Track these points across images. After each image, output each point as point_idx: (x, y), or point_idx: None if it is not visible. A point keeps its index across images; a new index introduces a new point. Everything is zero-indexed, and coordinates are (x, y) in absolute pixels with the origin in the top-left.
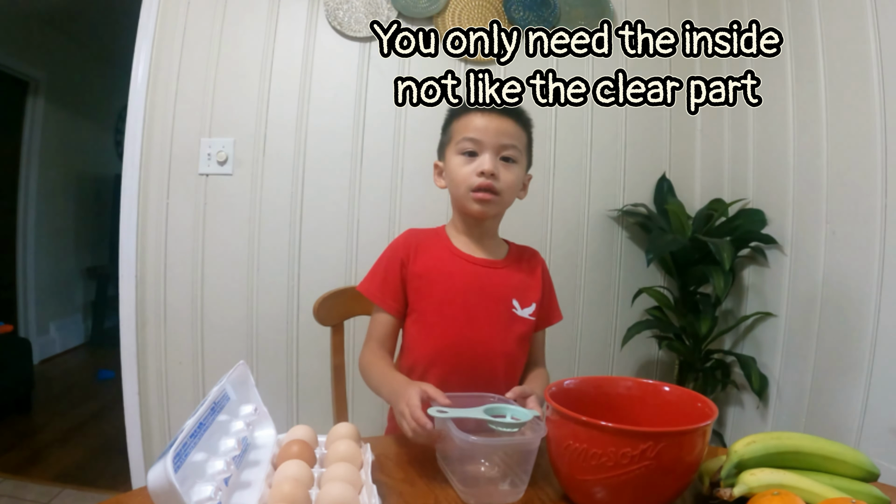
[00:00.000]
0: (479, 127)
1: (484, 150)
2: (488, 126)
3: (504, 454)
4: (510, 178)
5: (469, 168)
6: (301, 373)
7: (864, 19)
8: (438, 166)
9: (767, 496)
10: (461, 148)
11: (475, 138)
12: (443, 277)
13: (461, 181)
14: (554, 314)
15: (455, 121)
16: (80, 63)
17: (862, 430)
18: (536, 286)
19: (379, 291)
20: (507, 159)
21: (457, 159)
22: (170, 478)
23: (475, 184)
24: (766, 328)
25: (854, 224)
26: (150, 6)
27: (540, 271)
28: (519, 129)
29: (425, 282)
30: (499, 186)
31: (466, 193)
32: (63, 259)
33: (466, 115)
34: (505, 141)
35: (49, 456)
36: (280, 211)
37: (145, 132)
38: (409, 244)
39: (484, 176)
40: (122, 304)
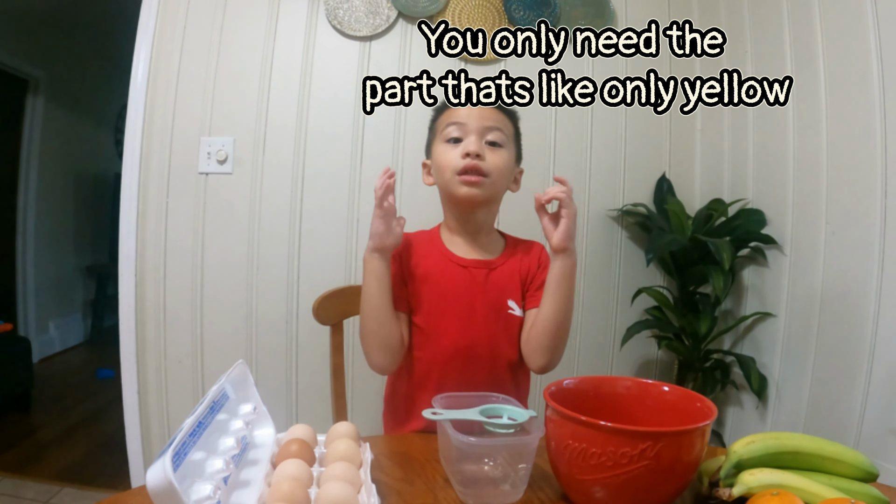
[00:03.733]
0: (463, 113)
1: (468, 134)
2: (471, 112)
3: (503, 454)
4: (497, 160)
5: (454, 152)
6: (300, 372)
7: (865, 19)
8: (427, 164)
9: (766, 496)
10: (446, 135)
11: (458, 122)
12: (435, 283)
13: (446, 166)
14: None
15: (441, 114)
16: (80, 62)
17: (861, 430)
18: (531, 275)
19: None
20: (494, 143)
21: (442, 147)
22: (169, 477)
23: (460, 166)
24: (765, 328)
25: (854, 224)
26: (150, 5)
27: (538, 260)
28: (504, 117)
29: (419, 288)
30: (486, 167)
31: (452, 177)
32: (63, 258)
33: (451, 109)
34: (489, 124)
35: (48, 454)
36: (280, 210)
37: (145, 131)
38: (403, 247)
39: (469, 157)
40: (121, 302)
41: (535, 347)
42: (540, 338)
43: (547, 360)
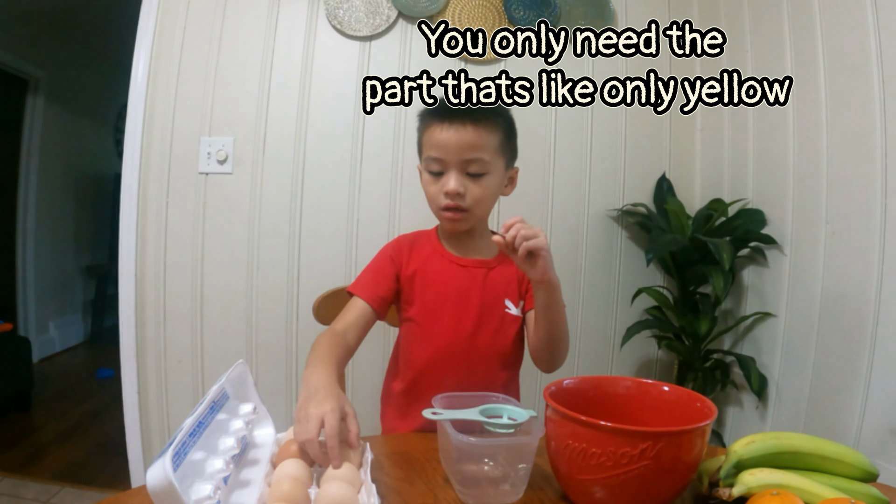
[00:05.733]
0: (441, 144)
1: (448, 169)
2: (449, 141)
3: (503, 454)
4: (478, 193)
5: (436, 188)
6: (300, 372)
7: (865, 19)
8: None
9: (766, 496)
10: (427, 166)
11: (438, 157)
12: (434, 283)
13: (431, 200)
14: None
15: (423, 131)
16: (80, 62)
17: (861, 430)
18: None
19: (367, 286)
20: (475, 175)
21: (425, 176)
22: (169, 476)
23: (443, 203)
24: (765, 328)
25: (854, 224)
26: (150, 5)
27: None
28: (486, 134)
29: (417, 287)
30: (466, 204)
31: (438, 212)
32: (63, 258)
33: (431, 128)
34: (468, 156)
35: (48, 454)
36: (280, 210)
37: (145, 131)
38: (401, 247)
39: (449, 196)
40: (121, 302)
41: (538, 358)
42: (541, 352)
43: (550, 365)
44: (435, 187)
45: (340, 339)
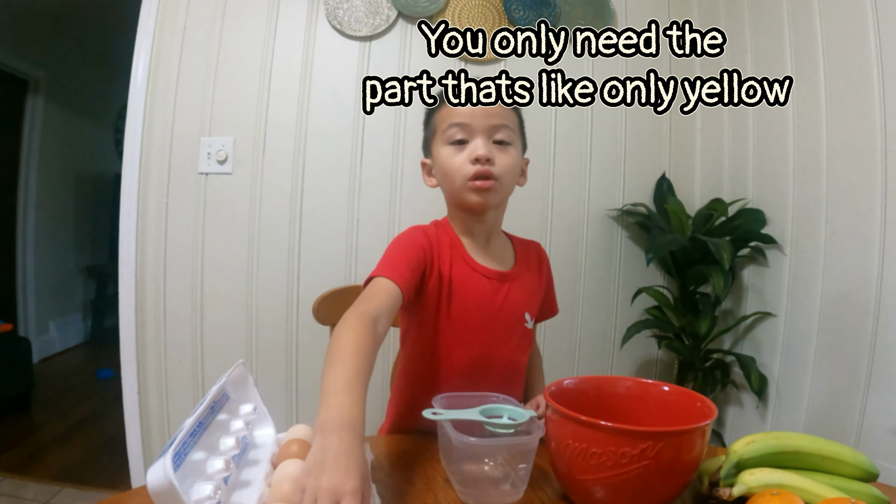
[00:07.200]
0: (465, 111)
1: (475, 135)
2: (474, 109)
3: (503, 454)
4: (508, 161)
5: (461, 157)
6: (300, 372)
7: (865, 19)
8: (426, 164)
9: (767, 496)
10: (449, 137)
11: (463, 122)
12: (459, 291)
13: (454, 172)
14: (553, 308)
15: (436, 112)
16: (80, 62)
17: (861, 430)
18: (541, 286)
19: (399, 269)
20: (502, 142)
21: (446, 150)
22: (169, 477)
23: (471, 172)
24: (765, 328)
25: (854, 224)
26: (150, 5)
27: (544, 269)
28: (507, 109)
29: (444, 295)
30: (497, 171)
31: (463, 185)
32: (63, 258)
33: (447, 105)
34: (496, 122)
35: (48, 455)
36: (280, 210)
37: (145, 131)
38: (431, 242)
39: (479, 162)
40: (121, 303)
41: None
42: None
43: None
44: (459, 158)
45: (373, 329)
